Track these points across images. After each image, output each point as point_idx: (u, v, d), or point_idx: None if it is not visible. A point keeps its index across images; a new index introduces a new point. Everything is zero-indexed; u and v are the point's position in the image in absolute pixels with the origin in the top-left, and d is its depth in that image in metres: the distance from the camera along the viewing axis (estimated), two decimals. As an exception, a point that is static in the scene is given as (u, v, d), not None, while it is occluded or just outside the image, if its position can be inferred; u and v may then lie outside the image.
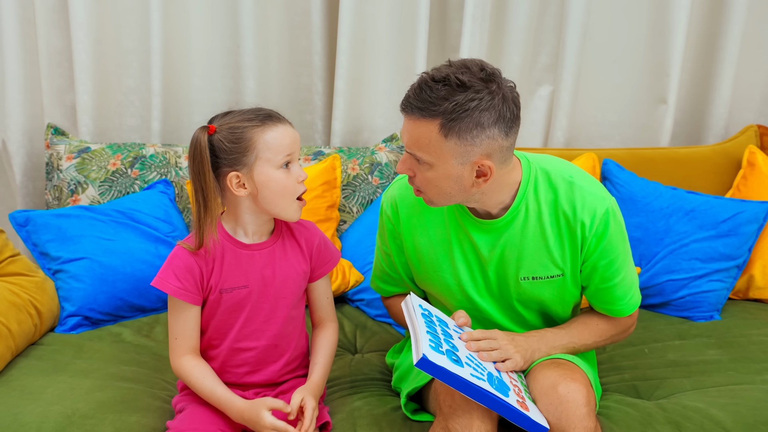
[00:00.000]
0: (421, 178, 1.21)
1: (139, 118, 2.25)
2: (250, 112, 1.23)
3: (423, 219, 1.35)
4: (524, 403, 1.15)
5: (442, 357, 1.11)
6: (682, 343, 1.63)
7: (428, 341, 1.13)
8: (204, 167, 1.18)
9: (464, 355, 1.17)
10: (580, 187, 1.27)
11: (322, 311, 1.37)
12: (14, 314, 1.51)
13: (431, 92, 1.13)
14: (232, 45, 2.20)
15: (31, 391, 1.35)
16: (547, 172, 1.29)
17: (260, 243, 1.28)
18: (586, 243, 1.27)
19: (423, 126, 1.15)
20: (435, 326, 1.20)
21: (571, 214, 1.26)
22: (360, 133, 2.26)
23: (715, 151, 2.07)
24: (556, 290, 1.32)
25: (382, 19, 2.17)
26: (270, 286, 1.27)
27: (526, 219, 1.28)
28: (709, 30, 2.22)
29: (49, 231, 1.76)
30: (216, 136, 1.20)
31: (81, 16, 2.09)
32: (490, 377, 1.16)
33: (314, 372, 1.30)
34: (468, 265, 1.33)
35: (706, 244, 1.81)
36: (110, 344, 1.60)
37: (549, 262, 1.29)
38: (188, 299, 1.24)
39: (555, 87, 2.24)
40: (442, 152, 1.16)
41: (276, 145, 1.20)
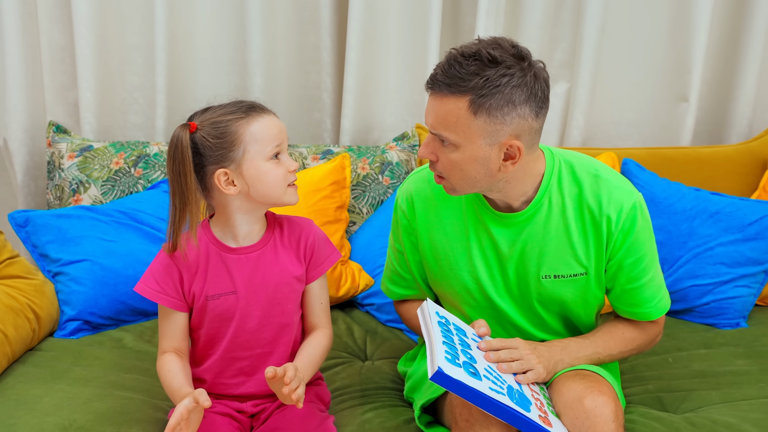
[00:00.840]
0: (445, 161, 1.14)
1: (143, 115, 2.20)
2: (231, 105, 1.16)
3: (440, 214, 1.28)
4: (547, 418, 1.09)
5: (458, 370, 1.04)
6: (708, 352, 1.56)
7: (444, 353, 1.06)
8: (185, 168, 1.10)
9: (482, 367, 1.10)
10: (606, 181, 1.21)
11: (314, 317, 1.27)
12: (11, 319, 1.45)
13: (461, 68, 1.08)
14: (239, 41, 2.15)
15: (27, 400, 1.29)
16: (572, 165, 1.23)
17: (249, 246, 1.21)
18: (611, 239, 1.21)
19: (451, 103, 1.09)
20: (452, 335, 1.13)
21: (596, 208, 1.20)
22: (370, 132, 2.19)
23: (739, 150, 1.99)
24: (579, 290, 1.25)
25: (393, 14, 2.11)
26: (261, 291, 1.20)
27: (549, 213, 1.22)
28: (732, 25, 2.14)
29: (49, 232, 1.70)
30: (198, 134, 1.12)
31: (84, 12, 2.03)
32: (510, 390, 1.09)
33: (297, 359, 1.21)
34: (487, 263, 1.26)
35: (732, 248, 1.74)
36: (111, 350, 1.54)
37: (572, 260, 1.23)
38: (168, 304, 1.18)
39: (571, 84, 2.18)
40: (470, 131, 1.10)
41: (263, 136, 1.13)
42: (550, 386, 1.20)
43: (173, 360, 1.18)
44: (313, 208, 1.79)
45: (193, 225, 1.13)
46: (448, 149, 1.13)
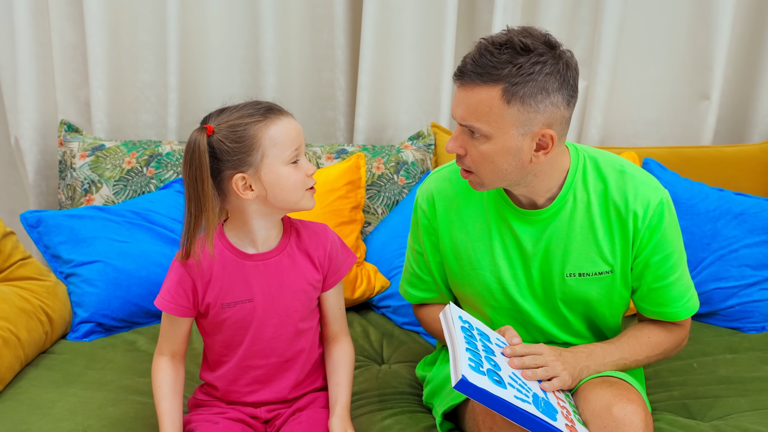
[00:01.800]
0: (476, 154, 1.12)
1: (154, 114, 2.18)
2: (248, 106, 1.12)
3: (461, 213, 1.26)
4: (573, 427, 1.05)
5: (482, 378, 1.01)
6: (734, 357, 1.52)
7: (468, 360, 1.03)
8: (203, 173, 1.07)
9: (507, 374, 1.07)
10: (632, 176, 1.19)
11: (335, 324, 1.25)
12: (24, 321, 1.43)
13: (492, 56, 1.07)
14: (252, 38, 2.12)
15: (40, 405, 1.27)
16: (596, 161, 1.21)
17: (266, 252, 1.18)
18: (638, 236, 1.19)
19: (483, 92, 1.08)
20: (475, 341, 1.10)
21: (622, 204, 1.18)
22: (384, 131, 2.16)
23: (763, 150, 1.95)
24: (604, 289, 1.22)
25: (408, 11, 2.07)
26: (278, 299, 1.17)
27: (573, 209, 1.19)
28: (755, 21, 2.10)
29: (61, 232, 1.68)
30: (215, 137, 1.09)
31: (95, 9, 2.01)
32: (536, 399, 1.06)
33: (341, 394, 1.20)
34: (510, 262, 1.23)
35: (758, 249, 1.70)
36: (124, 353, 1.52)
37: (597, 257, 1.20)
38: (177, 313, 1.16)
39: (589, 82, 2.14)
40: (503, 121, 1.08)
41: (283, 140, 1.10)
42: (576, 393, 1.17)
43: (167, 372, 1.18)
44: (328, 208, 1.76)
45: (210, 232, 1.10)
46: (479, 141, 1.11)
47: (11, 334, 1.37)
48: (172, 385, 1.17)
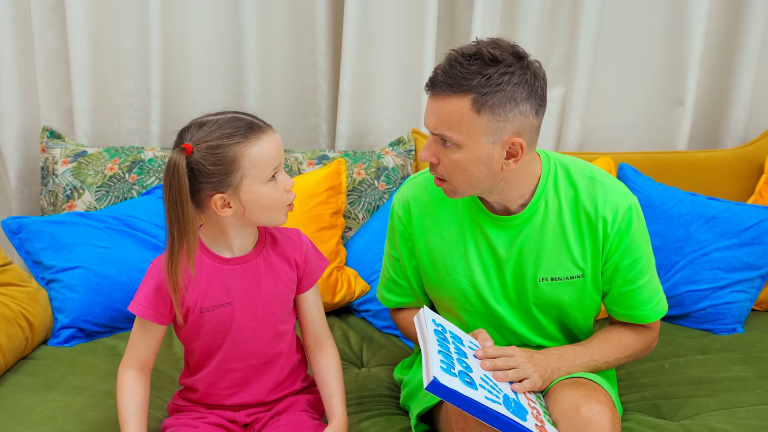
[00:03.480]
0: (448, 162, 1.14)
1: (137, 120, 2.19)
2: (227, 124, 1.10)
3: (436, 219, 1.29)
4: (543, 427, 1.08)
5: (453, 379, 1.03)
6: (705, 358, 1.55)
7: (440, 362, 1.05)
8: (182, 197, 1.06)
9: (478, 376, 1.10)
10: (602, 183, 1.23)
11: (315, 326, 1.26)
12: (4, 327, 1.44)
13: (462, 68, 1.09)
14: (234, 45, 2.14)
15: (19, 410, 1.28)
16: (567, 168, 1.24)
17: (243, 256, 1.19)
18: (608, 241, 1.22)
19: (454, 103, 1.10)
20: (448, 344, 1.13)
21: (592, 210, 1.21)
22: (366, 137, 2.19)
23: (735, 155, 1.99)
24: (576, 293, 1.26)
25: (389, 18, 2.10)
26: (256, 301, 1.18)
27: (545, 215, 1.23)
28: (728, 29, 2.14)
29: (42, 238, 1.69)
30: (194, 158, 1.07)
31: (78, 16, 2.02)
32: (507, 400, 1.08)
33: (335, 405, 1.21)
34: (484, 267, 1.26)
35: (729, 253, 1.73)
36: (105, 358, 1.53)
37: (569, 262, 1.23)
38: (154, 319, 1.16)
39: (567, 88, 2.17)
40: (473, 130, 1.11)
41: (262, 161, 1.10)
42: (547, 394, 1.20)
43: (134, 387, 1.16)
44: (309, 213, 1.79)
45: (191, 255, 1.10)
46: (451, 150, 1.14)
47: (-8, 339, 1.38)
48: (140, 404, 1.15)
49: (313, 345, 1.27)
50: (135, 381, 1.16)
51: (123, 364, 1.18)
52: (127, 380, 1.16)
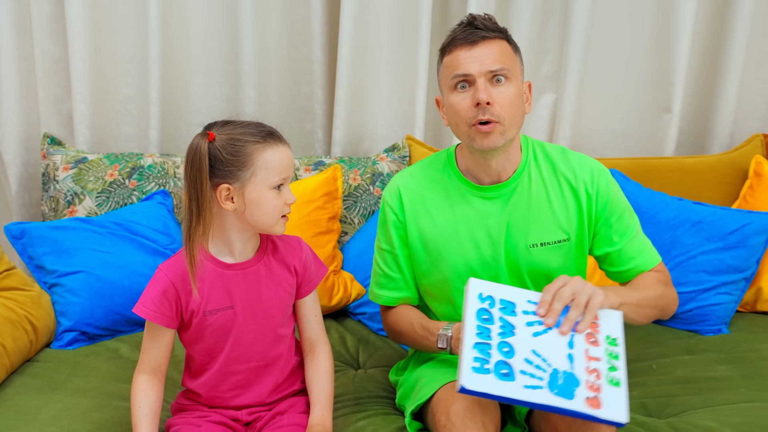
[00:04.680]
0: (503, 99, 1.26)
1: (136, 126, 2.22)
2: (251, 125, 1.19)
3: (426, 203, 1.37)
4: (597, 397, 1.06)
5: (486, 378, 1.05)
6: (691, 358, 1.60)
7: (472, 361, 1.07)
8: (202, 175, 1.14)
9: (522, 358, 1.09)
10: (573, 153, 1.38)
11: (311, 331, 1.32)
12: (9, 330, 1.47)
13: (490, 21, 1.28)
14: (231, 53, 2.18)
15: (26, 411, 1.32)
16: (541, 145, 1.39)
17: (244, 262, 1.24)
18: (591, 201, 1.34)
19: (501, 43, 1.28)
20: (491, 325, 1.13)
21: (572, 176, 1.35)
22: (361, 143, 2.23)
23: (721, 160, 2.04)
24: (563, 258, 1.35)
25: (384, 27, 2.14)
26: (257, 305, 1.23)
27: (530, 184, 1.34)
28: (713, 38, 2.20)
29: (45, 244, 1.73)
30: (214, 145, 1.16)
31: (78, 24, 2.06)
32: (554, 376, 1.08)
33: (314, 409, 1.25)
34: (475, 243, 1.34)
35: (714, 256, 1.79)
36: (107, 360, 1.56)
37: (555, 226, 1.34)
38: (161, 322, 1.20)
39: (558, 95, 2.22)
40: (517, 67, 1.30)
41: (274, 166, 1.17)
42: None
43: (147, 391, 1.20)
44: (306, 219, 1.83)
45: (206, 232, 1.17)
46: (504, 86, 1.26)
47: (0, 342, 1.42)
48: (152, 407, 1.20)
49: (307, 350, 1.32)
50: (147, 385, 1.21)
51: (137, 369, 1.23)
52: (140, 384, 1.21)
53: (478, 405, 1.15)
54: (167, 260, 1.23)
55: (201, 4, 2.15)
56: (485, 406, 1.16)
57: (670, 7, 2.11)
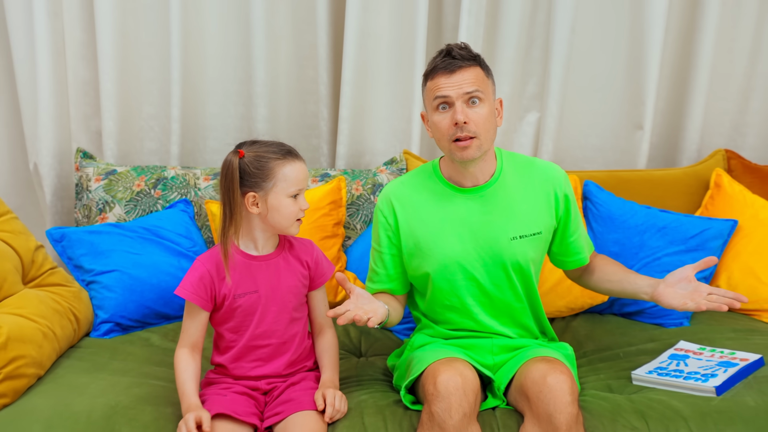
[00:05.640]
0: (478, 118, 1.49)
1: (158, 142, 2.44)
2: (274, 145, 1.44)
3: (415, 206, 1.60)
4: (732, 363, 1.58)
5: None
6: (654, 346, 1.81)
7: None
8: (233, 185, 1.41)
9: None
10: (540, 162, 1.64)
11: (320, 317, 1.57)
12: (58, 320, 1.69)
13: (465, 51, 1.51)
14: (245, 75, 2.39)
15: (77, 386, 1.53)
16: (512, 154, 1.65)
17: (266, 255, 1.49)
18: (558, 201, 1.60)
19: (475, 70, 1.50)
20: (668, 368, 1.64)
21: (542, 179, 1.60)
22: (362, 156, 2.44)
23: (686, 173, 2.26)
24: (536, 249, 1.59)
25: (383, 52, 2.36)
26: (277, 291, 1.48)
27: (506, 185, 1.58)
28: (680, 62, 2.43)
29: (82, 246, 1.94)
30: (244, 160, 1.40)
31: (107, 50, 2.28)
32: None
33: (324, 372, 1.51)
34: (459, 238, 1.56)
35: (677, 257, 2.00)
36: (141, 348, 1.78)
37: (530, 221, 1.58)
38: (198, 302, 1.44)
39: (541, 114, 2.43)
40: (489, 88, 1.53)
41: (292, 179, 1.43)
42: (519, 368, 1.48)
43: (188, 360, 1.44)
44: (314, 224, 2.04)
45: (237, 231, 1.42)
46: (478, 107, 1.49)
47: (49, 329, 1.63)
48: (193, 372, 1.44)
49: (317, 332, 1.58)
50: (188, 357, 1.45)
51: (178, 345, 1.47)
52: (182, 356, 1.45)
53: (460, 376, 1.37)
54: (203, 253, 1.48)
55: (217, 32, 2.37)
56: (466, 377, 1.38)
57: (640, 35, 2.34)
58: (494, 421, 1.46)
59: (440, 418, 1.34)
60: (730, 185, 2.15)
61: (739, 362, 1.60)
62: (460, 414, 1.34)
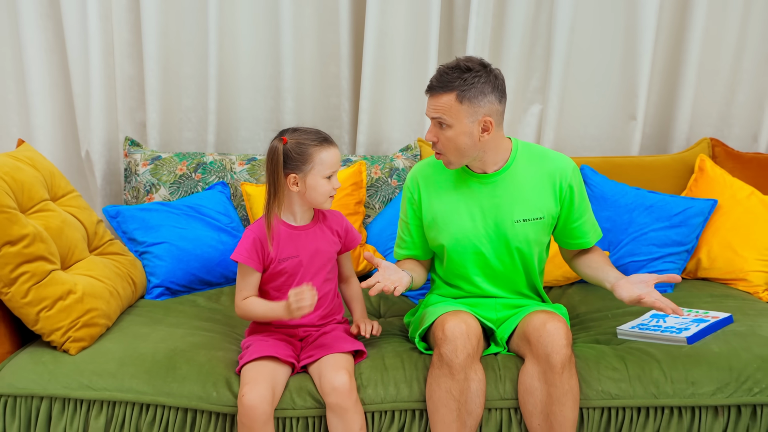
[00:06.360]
0: (444, 139, 1.67)
1: (194, 132, 2.69)
2: (312, 132, 1.68)
3: (437, 186, 1.82)
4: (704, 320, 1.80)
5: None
6: (639, 309, 2.04)
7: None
8: (278, 168, 1.66)
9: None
10: (552, 153, 1.82)
11: (347, 270, 1.87)
12: (119, 282, 1.95)
13: (447, 75, 1.65)
14: (274, 71, 2.63)
15: (140, 335, 1.80)
16: (528, 146, 1.82)
17: (304, 225, 1.74)
18: (563, 190, 1.76)
19: (445, 98, 1.65)
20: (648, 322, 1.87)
21: (551, 170, 1.77)
22: (380, 144, 2.69)
23: (674, 159, 2.49)
24: (537, 232, 1.78)
25: (399, 51, 2.60)
26: (314, 256, 1.73)
27: (516, 173, 1.77)
28: (671, 59, 2.65)
29: (135, 221, 2.21)
30: (287, 146, 1.65)
31: (151, 49, 2.53)
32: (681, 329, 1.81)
33: (355, 313, 1.81)
34: (471, 217, 1.78)
35: (662, 233, 2.23)
36: (190, 307, 2.04)
37: (534, 207, 1.77)
38: (252, 265, 1.68)
39: (544, 106, 2.65)
40: (459, 114, 1.65)
41: (328, 162, 1.66)
42: (524, 318, 1.71)
43: (251, 298, 1.70)
44: (338, 203, 2.29)
45: (280, 206, 1.68)
46: (445, 130, 1.66)
47: (114, 289, 1.89)
48: (261, 300, 1.70)
49: (343, 280, 1.85)
50: (254, 297, 1.71)
51: (237, 298, 1.71)
52: (248, 300, 1.70)
53: (464, 323, 1.61)
54: (252, 224, 1.73)
55: (249, 32, 2.61)
56: (470, 324, 1.62)
57: (634, 34, 2.56)
58: (496, 363, 1.71)
59: (448, 357, 1.59)
60: (712, 169, 2.38)
61: (710, 319, 1.83)
62: (464, 354, 1.59)
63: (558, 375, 1.57)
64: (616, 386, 1.66)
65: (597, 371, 1.68)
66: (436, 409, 1.60)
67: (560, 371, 1.57)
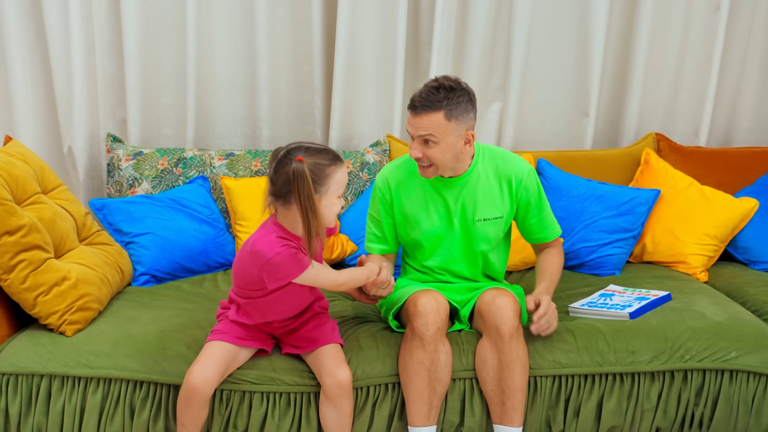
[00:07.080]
0: (431, 154, 1.80)
1: (173, 128, 2.80)
2: (323, 151, 1.61)
3: (407, 188, 1.97)
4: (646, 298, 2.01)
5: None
6: (589, 290, 2.25)
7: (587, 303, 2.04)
8: (309, 186, 1.55)
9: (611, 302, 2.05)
10: (510, 157, 1.96)
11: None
12: (108, 270, 2.08)
13: (434, 95, 1.76)
14: (250, 70, 2.75)
15: (130, 318, 1.93)
16: (489, 149, 1.97)
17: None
18: (519, 191, 1.92)
19: (433, 117, 1.76)
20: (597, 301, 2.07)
21: (507, 173, 1.92)
22: (351, 140, 2.84)
23: (623, 152, 2.70)
24: (496, 230, 1.95)
25: (369, 51, 2.75)
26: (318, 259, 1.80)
27: (478, 177, 1.92)
28: (620, 60, 2.85)
29: (120, 213, 2.33)
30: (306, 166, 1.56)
31: (132, 49, 2.63)
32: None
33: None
34: (439, 216, 1.94)
35: (611, 220, 2.43)
36: (175, 291, 2.18)
37: (494, 208, 1.93)
38: (307, 263, 1.65)
39: (504, 103, 2.83)
40: (447, 132, 1.77)
41: (341, 183, 1.63)
42: (478, 297, 1.88)
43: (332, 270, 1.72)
44: (313, 195, 2.44)
45: (321, 231, 1.61)
46: (431, 146, 1.79)
47: (104, 276, 2.02)
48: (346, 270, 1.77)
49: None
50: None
51: (334, 287, 1.74)
52: (333, 278, 1.72)
53: (435, 300, 1.79)
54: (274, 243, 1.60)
55: (225, 32, 2.72)
56: (439, 301, 1.80)
57: (586, 36, 2.75)
58: (459, 339, 1.88)
59: (420, 331, 1.76)
60: (656, 162, 2.59)
61: (651, 297, 2.04)
62: (434, 328, 1.76)
63: (507, 344, 1.75)
64: (566, 356, 1.85)
65: (549, 343, 1.87)
66: (410, 378, 1.77)
67: (509, 340, 1.75)
